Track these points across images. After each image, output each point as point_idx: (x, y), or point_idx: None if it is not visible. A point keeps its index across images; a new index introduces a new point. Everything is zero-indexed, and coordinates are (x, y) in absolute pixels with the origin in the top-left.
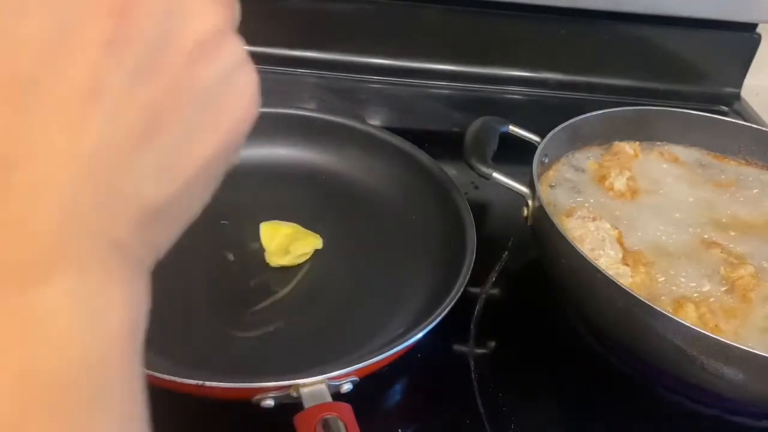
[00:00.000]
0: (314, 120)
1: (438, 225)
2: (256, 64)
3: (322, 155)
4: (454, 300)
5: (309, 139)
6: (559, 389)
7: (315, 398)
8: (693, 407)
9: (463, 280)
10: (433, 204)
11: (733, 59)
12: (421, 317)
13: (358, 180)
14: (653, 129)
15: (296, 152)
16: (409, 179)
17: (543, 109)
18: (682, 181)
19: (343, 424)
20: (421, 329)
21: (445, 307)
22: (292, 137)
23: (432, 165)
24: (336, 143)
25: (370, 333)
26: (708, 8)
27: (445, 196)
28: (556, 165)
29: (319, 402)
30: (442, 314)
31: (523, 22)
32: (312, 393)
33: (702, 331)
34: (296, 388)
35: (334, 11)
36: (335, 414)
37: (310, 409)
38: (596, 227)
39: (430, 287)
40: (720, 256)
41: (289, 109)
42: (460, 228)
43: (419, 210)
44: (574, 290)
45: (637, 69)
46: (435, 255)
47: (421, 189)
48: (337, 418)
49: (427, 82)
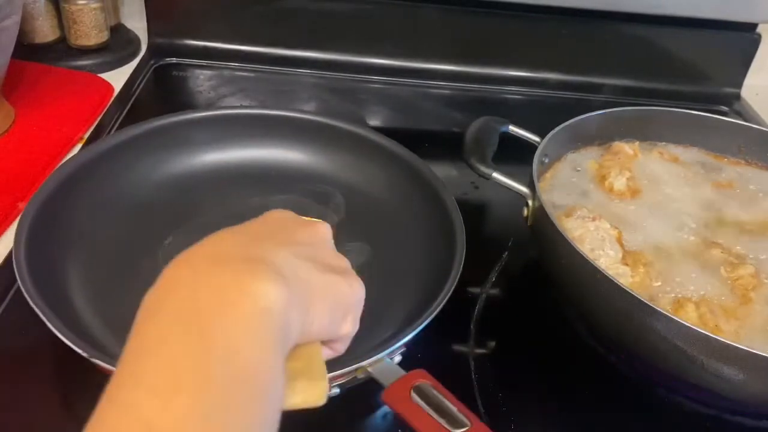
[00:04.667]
0: (303, 121)
1: (427, 225)
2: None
3: (310, 156)
4: (443, 301)
5: (298, 141)
6: (559, 389)
7: (389, 372)
8: (693, 407)
9: (453, 281)
10: (422, 204)
11: (733, 59)
12: (412, 318)
13: (347, 181)
14: (653, 129)
15: (285, 154)
16: (398, 179)
17: (543, 109)
18: (681, 181)
19: (433, 387)
20: (412, 329)
21: (434, 309)
22: (282, 139)
23: (421, 165)
24: (325, 144)
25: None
26: (708, 8)
27: (434, 196)
28: (556, 165)
29: (394, 374)
30: (431, 316)
31: (523, 22)
32: (382, 369)
33: (702, 331)
34: (363, 369)
35: (334, 11)
36: (425, 381)
37: (396, 382)
38: (596, 227)
39: (421, 288)
40: (720, 256)
41: (278, 111)
42: (449, 228)
43: (408, 210)
44: (574, 290)
45: (637, 69)
46: (425, 255)
47: (409, 189)
48: (428, 384)
49: (427, 82)
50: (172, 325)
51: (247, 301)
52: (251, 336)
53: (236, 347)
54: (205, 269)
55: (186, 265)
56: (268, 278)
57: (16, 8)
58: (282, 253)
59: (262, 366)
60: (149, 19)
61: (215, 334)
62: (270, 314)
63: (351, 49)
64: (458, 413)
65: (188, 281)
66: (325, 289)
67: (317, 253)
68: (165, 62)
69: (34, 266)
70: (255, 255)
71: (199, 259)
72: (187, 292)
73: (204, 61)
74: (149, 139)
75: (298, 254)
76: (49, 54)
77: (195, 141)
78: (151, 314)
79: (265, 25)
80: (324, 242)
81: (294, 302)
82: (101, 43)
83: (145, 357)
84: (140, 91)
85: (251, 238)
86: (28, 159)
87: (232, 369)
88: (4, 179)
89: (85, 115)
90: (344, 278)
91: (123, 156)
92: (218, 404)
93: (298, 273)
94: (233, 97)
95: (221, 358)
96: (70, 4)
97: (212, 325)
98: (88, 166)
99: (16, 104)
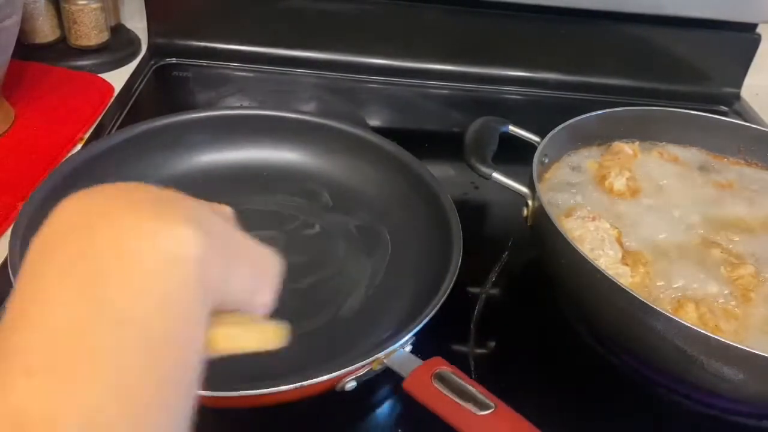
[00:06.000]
0: (297, 121)
1: (424, 225)
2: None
3: (305, 156)
4: (440, 301)
5: (293, 141)
6: (559, 389)
7: (406, 361)
8: (693, 407)
9: (450, 280)
10: (418, 204)
11: (733, 59)
12: (410, 319)
13: (342, 181)
14: (653, 129)
15: (280, 154)
16: (394, 178)
17: (543, 109)
18: (681, 181)
19: (453, 373)
20: (422, 318)
21: (432, 308)
22: (276, 139)
23: (415, 163)
24: (320, 144)
25: (360, 334)
26: (708, 8)
27: (430, 196)
28: (556, 165)
29: (412, 363)
30: (429, 315)
31: (523, 22)
32: (398, 360)
33: (702, 331)
34: (379, 361)
35: (334, 11)
36: (445, 368)
37: (416, 370)
38: (596, 227)
39: (418, 288)
40: (720, 255)
41: (272, 111)
42: (446, 228)
43: (404, 210)
44: (574, 290)
45: (637, 69)
46: (422, 254)
47: (405, 189)
48: (448, 371)
49: (426, 82)
50: (59, 285)
51: (157, 249)
52: (161, 294)
53: (141, 312)
54: (105, 210)
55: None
56: (183, 223)
57: (16, 8)
58: (197, 205)
59: (173, 334)
60: (149, 19)
61: (113, 294)
62: (185, 264)
63: (351, 49)
64: (482, 396)
65: (82, 224)
66: (247, 248)
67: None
68: (165, 62)
69: None
70: (167, 200)
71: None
72: (79, 239)
73: (204, 61)
74: (142, 141)
75: (214, 218)
76: (49, 54)
77: (188, 142)
78: (34, 268)
79: (265, 25)
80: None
81: (213, 255)
82: (101, 43)
83: (24, 325)
84: (140, 91)
85: (154, 199)
86: (28, 159)
87: (135, 340)
88: (4, 179)
89: (85, 115)
90: (260, 245)
91: (115, 159)
92: (113, 389)
93: (216, 226)
94: (233, 97)
95: (120, 326)
96: (70, 4)
97: (110, 281)
98: (80, 170)
99: (16, 104)
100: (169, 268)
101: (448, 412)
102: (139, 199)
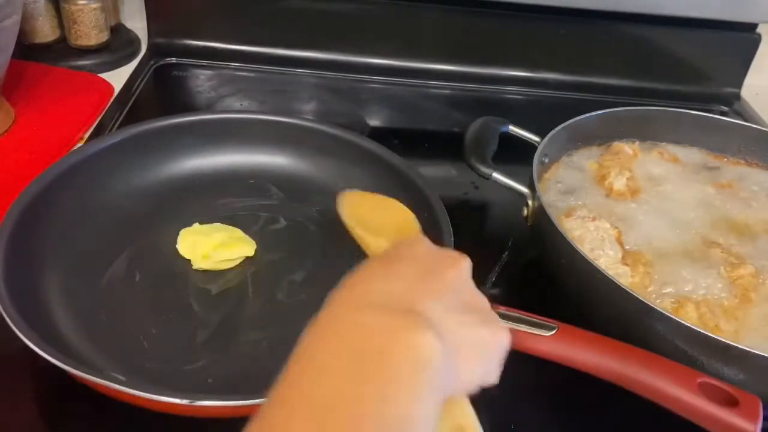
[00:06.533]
0: (285, 125)
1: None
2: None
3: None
4: None
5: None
6: (559, 389)
7: None
8: None
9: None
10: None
11: (733, 59)
12: None
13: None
14: (653, 129)
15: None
16: (382, 180)
17: (543, 109)
18: (681, 181)
19: (507, 310)
20: None
21: None
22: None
23: (402, 164)
24: (308, 148)
25: None
26: (708, 8)
27: (419, 197)
28: (556, 165)
29: None
30: None
31: (523, 22)
32: None
33: (702, 331)
34: None
35: (334, 11)
36: (499, 308)
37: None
38: (596, 227)
39: None
40: (720, 255)
41: (258, 115)
42: (436, 225)
43: None
44: (574, 290)
45: (637, 69)
46: None
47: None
48: (503, 310)
49: (427, 82)
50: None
51: (408, 354)
52: (407, 387)
53: (392, 395)
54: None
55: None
56: (425, 333)
57: (16, 8)
58: (435, 307)
59: (415, 417)
60: (149, 19)
61: (374, 377)
62: (426, 368)
63: (351, 49)
64: (542, 321)
65: (349, 325)
66: (474, 343)
67: (463, 299)
68: (165, 62)
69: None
70: (411, 307)
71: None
72: (348, 334)
73: (204, 61)
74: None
75: (448, 306)
76: (49, 54)
77: (175, 146)
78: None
79: (265, 25)
80: (467, 282)
81: (447, 357)
82: (101, 43)
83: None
84: (140, 91)
85: (406, 287)
86: (28, 159)
87: (386, 417)
88: (4, 179)
89: (85, 115)
90: (488, 327)
91: (99, 166)
92: None
93: (450, 327)
94: (233, 97)
95: (377, 402)
96: (70, 4)
97: (371, 368)
98: (64, 177)
99: (16, 104)
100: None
101: (518, 339)
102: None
